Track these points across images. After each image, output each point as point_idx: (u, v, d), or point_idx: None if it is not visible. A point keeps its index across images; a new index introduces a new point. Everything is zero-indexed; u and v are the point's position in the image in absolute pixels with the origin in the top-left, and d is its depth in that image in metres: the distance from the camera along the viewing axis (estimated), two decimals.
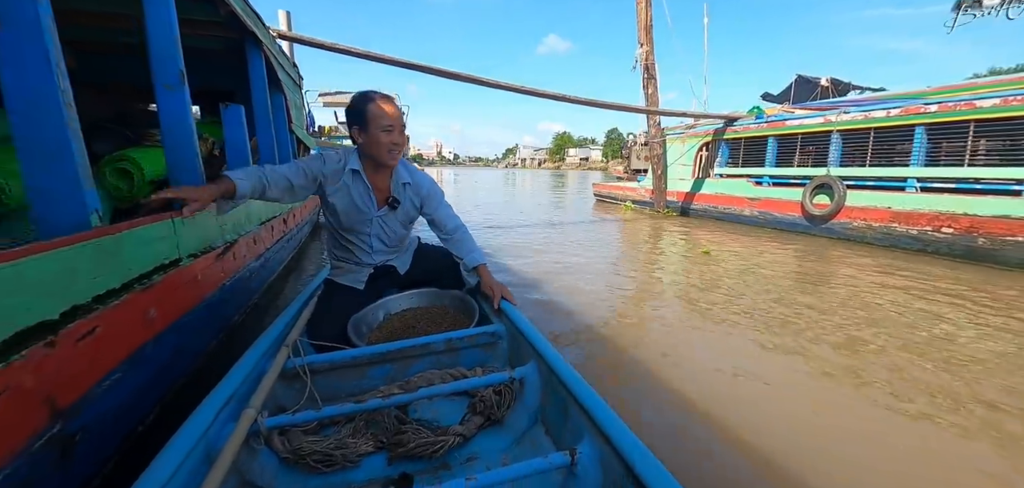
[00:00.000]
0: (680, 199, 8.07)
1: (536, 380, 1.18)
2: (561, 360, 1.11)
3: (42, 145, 1.06)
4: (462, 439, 1.08)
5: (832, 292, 3.31)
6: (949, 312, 2.85)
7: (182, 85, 1.62)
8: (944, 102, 4.77)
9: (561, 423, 1.05)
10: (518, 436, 1.13)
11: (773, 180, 6.53)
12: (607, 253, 4.84)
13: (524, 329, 1.33)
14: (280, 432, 1.04)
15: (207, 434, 0.87)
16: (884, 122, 5.21)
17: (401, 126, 1.50)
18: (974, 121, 4.48)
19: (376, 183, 1.60)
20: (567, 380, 1.02)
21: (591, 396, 0.94)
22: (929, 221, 4.69)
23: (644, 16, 7.52)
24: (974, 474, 1.37)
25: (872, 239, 5.18)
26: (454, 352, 1.40)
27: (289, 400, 1.19)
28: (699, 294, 3.25)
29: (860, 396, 1.81)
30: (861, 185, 5.38)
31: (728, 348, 2.30)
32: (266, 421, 0.97)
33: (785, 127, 6.35)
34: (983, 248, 4.29)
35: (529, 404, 1.16)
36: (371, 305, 1.67)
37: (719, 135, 7.43)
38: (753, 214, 6.67)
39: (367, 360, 1.30)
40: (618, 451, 0.79)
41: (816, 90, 11.74)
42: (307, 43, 3.98)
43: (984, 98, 4.46)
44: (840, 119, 5.66)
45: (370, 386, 1.28)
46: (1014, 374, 1.98)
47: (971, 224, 4.38)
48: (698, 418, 1.64)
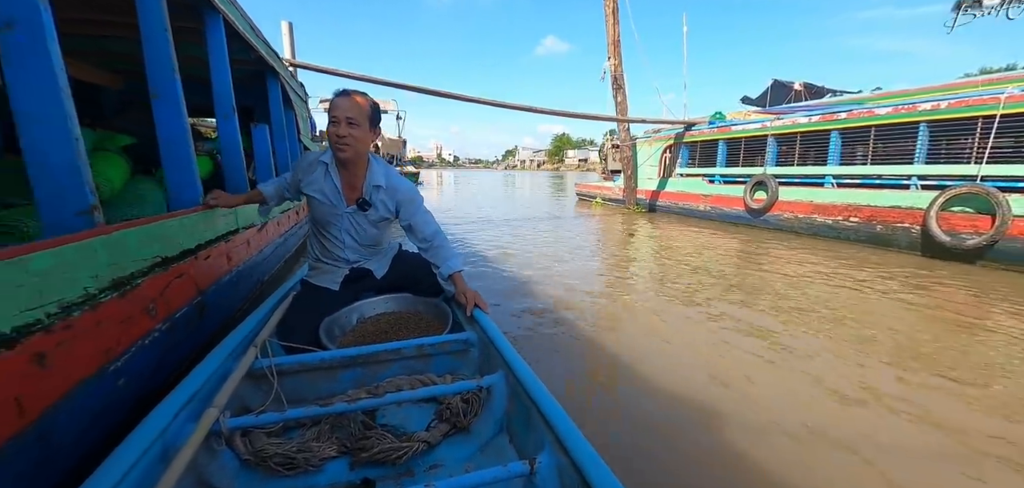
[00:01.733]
0: (648, 197, 8.91)
1: (503, 389, 1.18)
2: (528, 370, 1.12)
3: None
4: (427, 446, 1.08)
5: (736, 265, 4.15)
6: (841, 281, 3.69)
7: (234, 115, 2.47)
8: (852, 110, 5.61)
9: (525, 432, 1.06)
10: (483, 444, 1.13)
11: (723, 178, 7.37)
12: (568, 239, 5.68)
13: (494, 337, 1.33)
14: (242, 433, 1.03)
15: (166, 432, 0.87)
16: (807, 127, 6.04)
17: (346, 119, 1.48)
18: (874, 127, 5.31)
19: (347, 180, 1.62)
20: (531, 390, 1.03)
21: (553, 406, 0.95)
22: (841, 212, 5.51)
23: (612, 32, 8.37)
24: (828, 365, 2.20)
25: (799, 229, 6.01)
26: (425, 358, 1.40)
27: (256, 401, 1.19)
28: (628, 265, 4.09)
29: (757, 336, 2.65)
30: (790, 182, 6.22)
31: (621, 287, 3.14)
32: (228, 421, 0.96)
33: (731, 132, 7.20)
34: (881, 234, 5.11)
35: (496, 412, 1.17)
36: (345, 308, 1.69)
37: (680, 139, 8.28)
38: (707, 209, 7.51)
39: (337, 363, 1.30)
40: (575, 463, 0.80)
41: (790, 94, 12.54)
42: (313, 69, 4.85)
43: (880, 106, 5.30)
44: (774, 125, 6.50)
45: (340, 390, 1.28)
46: (867, 315, 2.82)
47: (872, 214, 5.20)
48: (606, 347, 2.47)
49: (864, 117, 5.40)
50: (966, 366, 2.08)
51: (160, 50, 1.76)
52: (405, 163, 18.62)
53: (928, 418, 1.65)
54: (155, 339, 1.39)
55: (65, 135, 1.16)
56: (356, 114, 1.49)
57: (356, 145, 1.51)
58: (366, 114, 1.52)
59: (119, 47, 3.05)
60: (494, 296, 3.14)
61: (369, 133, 1.55)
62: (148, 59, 1.74)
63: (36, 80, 1.12)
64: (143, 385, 1.33)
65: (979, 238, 4.16)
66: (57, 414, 0.97)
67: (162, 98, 1.80)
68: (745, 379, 1.95)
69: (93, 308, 1.12)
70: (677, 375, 1.98)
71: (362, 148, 1.54)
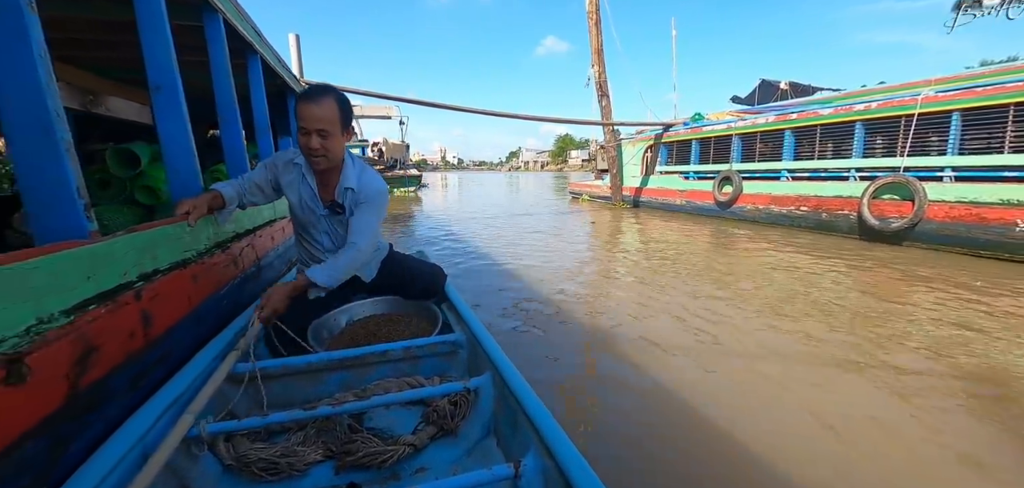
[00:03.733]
0: (632, 193, 9.58)
1: (491, 391, 1.18)
2: (515, 371, 1.12)
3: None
4: (413, 449, 1.07)
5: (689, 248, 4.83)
6: (785, 260, 4.36)
7: (268, 132, 3.20)
8: (802, 111, 6.26)
9: (511, 435, 1.06)
10: (470, 447, 1.12)
11: (696, 175, 8.04)
12: (560, 230, 6.39)
13: (481, 339, 1.33)
14: (225, 438, 1.02)
15: (145, 437, 0.86)
16: (765, 127, 6.71)
17: (317, 131, 1.38)
18: (819, 126, 5.96)
19: (322, 181, 1.56)
20: (518, 392, 1.03)
21: (539, 409, 0.95)
22: (793, 202, 6.16)
23: (595, 41, 9.06)
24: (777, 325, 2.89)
25: (759, 219, 6.66)
26: (414, 360, 1.38)
27: (241, 406, 1.18)
28: (611, 248, 4.79)
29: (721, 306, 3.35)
30: (752, 176, 6.88)
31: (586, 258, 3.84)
32: (208, 427, 0.95)
33: (703, 132, 7.87)
34: (825, 220, 5.76)
35: (483, 415, 1.16)
36: (334, 310, 1.67)
37: (659, 139, 8.96)
38: (682, 203, 8.18)
39: (323, 366, 1.28)
40: (560, 465, 0.80)
41: (776, 92, 13.11)
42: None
43: (824, 107, 5.96)
44: (738, 125, 7.16)
45: (326, 393, 1.26)
46: (812, 285, 3.51)
47: (818, 203, 5.85)
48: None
49: (811, 117, 6.05)
50: (848, 312, 2.76)
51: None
52: (408, 167, 19.39)
53: (809, 337, 2.35)
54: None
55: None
56: (327, 124, 1.40)
57: (330, 155, 1.46)
58: (337, 120, 1.44)
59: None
60: (497, 278, 3.85)
61: (342, 137, 1.48)
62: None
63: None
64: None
65: (902, 221, 4.79)
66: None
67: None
68: (708, 322, 2.65)
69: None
70: (649, 327, 2.66)
71: (337, 156, 1.50)
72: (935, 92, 4.86)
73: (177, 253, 1.53)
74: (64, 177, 1.14)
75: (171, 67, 1.80)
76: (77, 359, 1.02)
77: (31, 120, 1.10)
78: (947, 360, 2.03)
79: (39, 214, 1.14)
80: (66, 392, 0.98)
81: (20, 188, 1.13)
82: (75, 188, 1.16)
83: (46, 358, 0.93)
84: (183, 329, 1.51)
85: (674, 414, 1.66)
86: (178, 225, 1.53)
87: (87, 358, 1.05)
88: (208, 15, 2.32)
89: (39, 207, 1.14)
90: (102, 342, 1.10)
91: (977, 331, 2.38)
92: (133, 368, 1.23)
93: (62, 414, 0.96)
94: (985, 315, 2.64)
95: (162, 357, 1.37)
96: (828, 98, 6.50)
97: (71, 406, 0.98)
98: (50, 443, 0.92)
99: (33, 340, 0.90)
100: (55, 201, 1.14)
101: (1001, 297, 2.98)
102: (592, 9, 8.94)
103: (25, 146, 1.10)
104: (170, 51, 1.79)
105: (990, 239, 4.21)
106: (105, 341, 1.11)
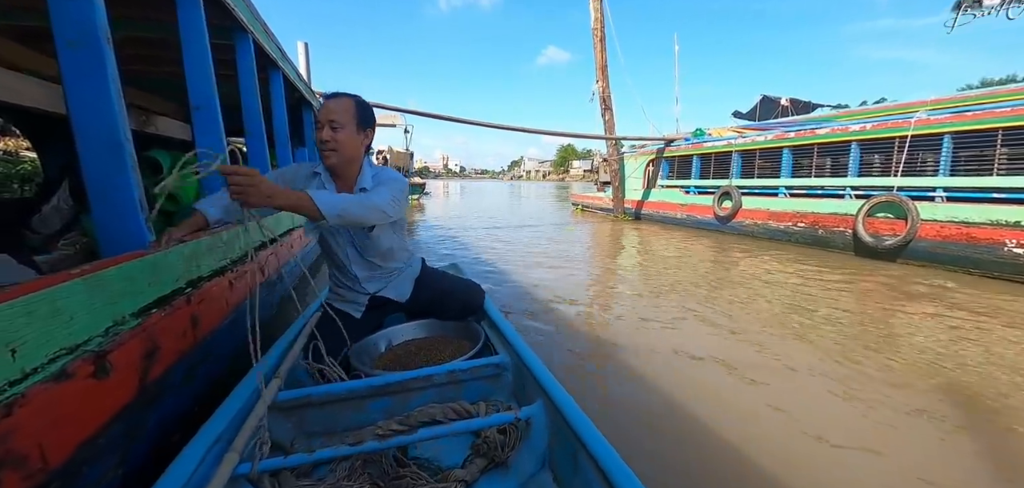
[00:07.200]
0: (634, 206, 9.74)
1: (544, 421, 1.14)
2: (571, 402, 1.08)
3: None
4: (464, 486, 1.04)
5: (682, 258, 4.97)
6: (786, 272, 4.50)
7: (288, 143, 3.37)
8: (800, 130, 6.43)
9: (570, 472, 1.01)
10: (523, 482, 1.08)
11: (697, 189, 8.20)
12: (564, 239, 6.54)
13: (530, 363, 1.30)
14: (271, 475, 1.01)
15: (192, 479, 0.86)
16: (764, 145, 6.87)
17: (329, 122, 1.40)
18: (817, 145, 6.12)
19: (339, 187, 1.52)
20: (577, 426, 0.99)
21: (604, 447, 0.90)
22: (790, 218, 6.30)
23: (600, 58, 9.27)
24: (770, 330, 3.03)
25: (757, 233, 6.80)
26: (457, 385, 1.36)
27: (284, 434, 1.18)
28: (613, 260, 4.93)
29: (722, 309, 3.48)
30: (751, 192, 7.03)
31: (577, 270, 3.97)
32: (260, 464, 0.95)
33: (703, 148, 8.04)
34: (822, 236, 5.89)
35: (536, 447, 1.12)
36: (373, 335, 1.67)
37: (660, 154, 9.13)
38: (683, 216, 8.32)
39: (366, 393, 1.28)
40: None
41: (777, 108, 13.29)
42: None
43: (822, 126, 6.12)
44: (738, 142, 7.33)
45: (368, 420, 1.24)
46: (803, 298, 3.64)
47: (815, 219, 5.98)
48: None
49: (808, 136, 6.22)
50: (841, 322, 2.89)
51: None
52: (412, 174, 19.64)
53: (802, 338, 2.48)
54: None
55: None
56: (339, 116, 1.41)
57: (341, 149, 1.42)
58: (352, 114, 1.43)
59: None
60: (507, 277, 3.99)
61: (358, 135, 1.46)
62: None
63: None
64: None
65: (896, 239, 4.93)
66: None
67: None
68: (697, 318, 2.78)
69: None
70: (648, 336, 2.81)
71: (349, 152, 1.45)
72: (928, 114, 5.02)
73: (216, 261, 1.67)
74: (129, 191, 1.27)
75: (210, 89, 1.97)
76: (145, 355, 1.13)
77: (104, 140, 1.23)
78: (940, 374, 2.17)
79: (106, 224, 1.25)
80: (138, 385, 1.09)
81: (90, 200, 1.24)
82: (138, 201, 1.29)
83: (123, 355, 1.04)
84: (223, 331, 1.63)
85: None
86: (215, 235, 1.67)
87: (152, 355, 1.16)
88: (239, 36, 2.49)
89: (107, 218, 1.25)
90: (162, 341, 1.21)
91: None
92: (186, 364, 1.34)
93: (136, 404, 1.07)
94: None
95: (206, 355, 1.49)
96: (826, 117, 6.67)
97: (142, 397, 1.10)
98: (127, 427, 1.05)
99: (112, 339, 1.01)
100: (121, 213, 1.26)
101: (992, 317, 3.11)
102: (597, 26, 9.16)
103: (98, 162, 1.23)
104: (210, 74, 1.96)
105: (980, 258, 4.34)
106: (164, 340, 1.23)
